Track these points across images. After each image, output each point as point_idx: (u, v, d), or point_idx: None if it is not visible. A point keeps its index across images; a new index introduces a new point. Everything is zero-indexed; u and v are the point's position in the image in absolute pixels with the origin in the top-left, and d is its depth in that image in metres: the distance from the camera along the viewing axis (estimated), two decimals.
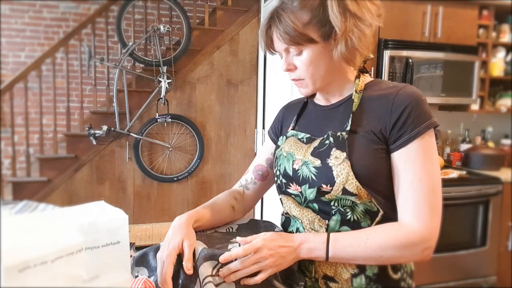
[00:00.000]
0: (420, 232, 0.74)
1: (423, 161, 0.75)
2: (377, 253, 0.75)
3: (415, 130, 0.76)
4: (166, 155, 3.50)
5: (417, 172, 0.75)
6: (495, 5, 2.70)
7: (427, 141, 0.76)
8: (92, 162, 3.33)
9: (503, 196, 2.45)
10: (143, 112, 3.36)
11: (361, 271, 0.81)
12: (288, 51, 0.83)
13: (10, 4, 3.82)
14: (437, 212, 0.75)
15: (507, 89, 2.94)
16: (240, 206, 0.99)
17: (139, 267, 0.86)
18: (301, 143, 0.88)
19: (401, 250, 0.74)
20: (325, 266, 0.82)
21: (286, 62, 0.84)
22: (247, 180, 1.01)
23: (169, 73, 3.33)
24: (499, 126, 3.07)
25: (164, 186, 3.50)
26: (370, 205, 0.79)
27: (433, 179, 0.75)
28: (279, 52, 0.85)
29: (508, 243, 2.52)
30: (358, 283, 0.81)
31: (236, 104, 3.63)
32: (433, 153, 0.77)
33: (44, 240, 0.54)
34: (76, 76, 3.69)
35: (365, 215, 0.80)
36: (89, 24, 3.40)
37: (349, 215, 0.79)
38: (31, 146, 3.53)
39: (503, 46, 2.86)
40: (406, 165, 0.76)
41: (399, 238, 0.74)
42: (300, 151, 0.87)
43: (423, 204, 0.75)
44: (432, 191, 0.75)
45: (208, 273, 0.74)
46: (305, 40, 0.79)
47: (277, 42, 0.83)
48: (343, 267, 0.81)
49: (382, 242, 0.75)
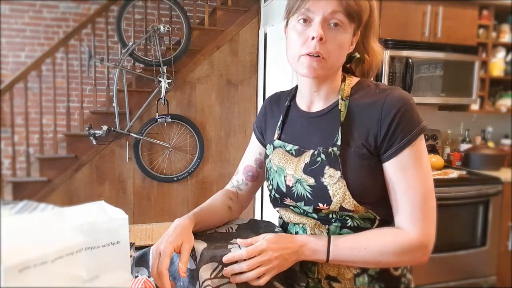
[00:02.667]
0: (417, 238, 0.75)
1: (415, 168, 0.75)
2: (376, 258, 0.76)
3: (405, 138, 0.75)
4: (166, 155, 3.50)
5: (410, 181, 0.75)
6: (495, 5, 2.70)
7: (418, 147, 0.76)
8: (92, 162, 3.33)
9: (503, 196, 2.45)
10: (143, 112, 3.36)
11: (363, 270, 0.82)
12: (327, 20, 0.75)
13: (10, 4, 3.82)
14: (432, 216, 0.76)
15: (507, 89, 2.94)
16: (236, 206, 0.99)
17: (139, 267, 0.86)
18: (290, 155, 0.86)
19: (400, 256, 0.76)
20: (327, 267, 0.83)
21: (320, 30, 0.74)
22: (238, 181, 1.01)
23: (169, 73, 3.33)
24: (499, 126, 3.06)
25: (164, 186, 3.50)
26: (367, 215, 0.80)
27: (426, 185, 0.76)
28: (313, 15, 0.75)
29: (508, 243, 2.52)
30: (361, 282, 0.82)
31: (236, 104, 3.63)
32: (424, 158, 0.77)
33: (44, 240, 0.54)
34: (76, 76, 3.69)
35: (365, 221, 0.81)
36: (89, 24, 3.40)
37: (349, 222, 0.81)
38: (31, 146, 3.52)
39: (503, 46, 2.86)
40: (399, 173, 0.76)
41: (398, 244, 0.75)
42: (291, 165, 0.85)
43: (418, 211, 0.75)
44: (425, 197, 0.75)
45: (207, 276, 0.74)
46: (357, 16, 0.76)
47: (324, 2, 0.74)
48: (346, 268, 0.82)
49: (382, 248, 0.76)
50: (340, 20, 0.75)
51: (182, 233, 0.79)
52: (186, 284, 0.78)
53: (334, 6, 0.74)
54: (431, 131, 2.83)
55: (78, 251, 0.57)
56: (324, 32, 0.74)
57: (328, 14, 0.74)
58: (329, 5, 0.74)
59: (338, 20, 0.75)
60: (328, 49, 0.75)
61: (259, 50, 3.56)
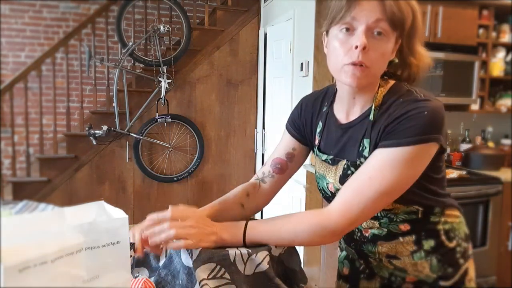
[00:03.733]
0: (336, 219, 0.76)
1: (390, 165, 0.74)
2: (290, 237, 0.79)
3: (399, 139, 0.74)
4: (166, 155, 3.50)
5: (374, 169, 0.75)
6: (495, 5, 2.70)
7: (407, 154, 0.74)
8: (92, 162, 3.33)
9: (503, 196, 2.45)
10: (143, 112, 3.36)
11: (419, 247, 0.85)
12: (371, 29, 0.75)
13: (10, 4, 3.82)
14: (366, 213, 0.76)
15: (507, 89, 2.94)
16: (251, 203, 0.97)
17: (140, 268, 0.86)
18: (327, 164, 0.90)
19: (311, 235, 0.78)
20: (386, 248, 0.87)
21: (364, 39, 0.74)
22: (264, 173, 0.99)
23: (169, 73, 3.33)
24: (499, 126, 3.06)
25: (164, 186, 3.50)
26: (410, 209, 0.83)
27: (386, 185, 0.74)
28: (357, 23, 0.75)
29: (508, 243, 2.52)
30: (418, 256, 0.86)
31: (236, 104, 3.63)
32: (408, 168, 0.75)
33: (44, 240, 0.54)
34: (76, 76, 3.69)
35: (410, 214, 0.84)
36: (89, 24, 3.41)
37: (394, 218, 0.85)
38: (31, 146, 3.52)
39: (503, 46, 2.86)
40: (372, 160, 0.77)
41: (313, 222, 0.78)
42: (330, 173, 0.89)
43: (356, 197, 0.75)
44: (375, 193, 0.74)
45: (204, 276, 0.74)
46: (400, 24, 0.76)
47: (369, 11, 0.74)
48: (403, 247, 0.86)
49: (296, 227, 0.79)
50: (383, 29, 0.75)
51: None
52: (185, 282, 0.78)
53: (378, 14, 0.74)
54: None
55: (78, 251, 0.57)
56: (368, 41, 0.74)
57: (372, 23, 0.74)
58: (373, 14, 0.74)
59: (381, 29, 0.75)
60: (371, 58, 0.75)
61: (259, 50, 3.56)
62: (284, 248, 0.84)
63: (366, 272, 0.94)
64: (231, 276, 0.75)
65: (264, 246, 0.80)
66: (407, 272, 0.87)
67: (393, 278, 0.89)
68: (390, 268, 0.89)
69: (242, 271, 0.76)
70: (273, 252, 0.81)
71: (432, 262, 0.85)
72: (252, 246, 0.80)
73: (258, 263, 0.77)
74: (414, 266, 0.86)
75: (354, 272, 0.98)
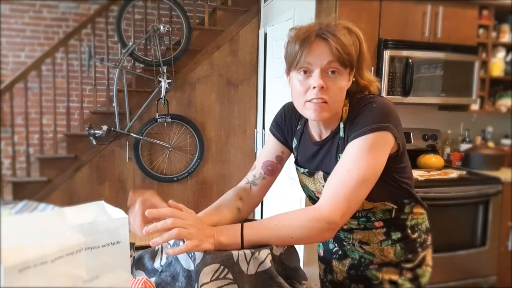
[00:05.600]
0: (328, 214, 0.81)
1: (360, 155, 0.83)
2: (288, 233, 0.82)
3: (359, 131, 0.85)
4: (166, 155, 3.50)
5: (349, 163, 0.84)
6: (495, 5, 2.69)
7: (370, 141, 0.84)
8: (92, 162, 3.33)
9: (503, 196, 2.45)
10: (143, 112, 3.36)
11: (388, 237, 1.00)
12: (325, 70, 0.85)
13: (10, 4, 3.82)
14: (352, 202, 0.83)
15: (507, 89, 2.94)
16: (245, 206, 1.01)
17: (137, 271, 0.86)
18: (306, 175, 1.02)
19: (307, 229, 0.82)
20: (360, 235, 1.01)
21: (320, 80, 0.84)
22: (255, 176, 1.04)
23: (169, 73, 3.33)
24: (499, 126, 3.06)
25: (164, 186, 3.50)
26: (386, 207, 0.96)
27: (363, 174, 0.82)
28: (312, 67, 0.86)
29: (508, 243, 2.52)
30: (385, 244, 1.00)
31: (236, 104, 3.63)
32: (374, 152, 0.84)
33: (44, 240, 0.54)
34: (76, 76, 3.69)
35: (384, 213, 0.97)
36: (89, 24, 3.40)
37: (372, 217, 0.98)
38: (31, 146, 3.52)
39: (503, 46, 2.85)
40: (345, 155, 0.86)
41: (308, 217, 0.82)
42: (310, 183, 1.02)
43: (341, 190, 0.82)
44: (355, 182, 0.82)
45: (205, 280, 0.74)
46: (349, 62, 0.85)
47: (320, 56, 0.84)
48: (374, 236, 1.00)
49: (293, 222, 0.83)
50: (336, 68, 0.85)
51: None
52: (184, 285, 0.78)
53: (329, 57, 0.84)
54: (431, 131, 2.83)
55: (78, 251, 0.57)
56: (324, 81, 0.85)
57: (325, 65, 0.85)
58: (325, 57, 0.84)
59: (335, 68, 0.85)
60: (330, 95, 0.86)
61: (259, 50, 3.56)
62: (284, 247, 0.84)
63: (339, 253, 1.09)
64: (233, 276, 0.76)
65: (264, 246, 0.81)
66: (375, 256, 1.01)
67: (362, 260, 1.04)
68: (360, 252, 1.03)
69: (245, 271, 0.77)
70: (274, 252, 0.81)
71: (396, 249, 1.00)
72: (251, 248, 0.80)
73: (261, 261, 0.78)
74: (381, 251, 1.00)
75: (327, 253, 1.13)
